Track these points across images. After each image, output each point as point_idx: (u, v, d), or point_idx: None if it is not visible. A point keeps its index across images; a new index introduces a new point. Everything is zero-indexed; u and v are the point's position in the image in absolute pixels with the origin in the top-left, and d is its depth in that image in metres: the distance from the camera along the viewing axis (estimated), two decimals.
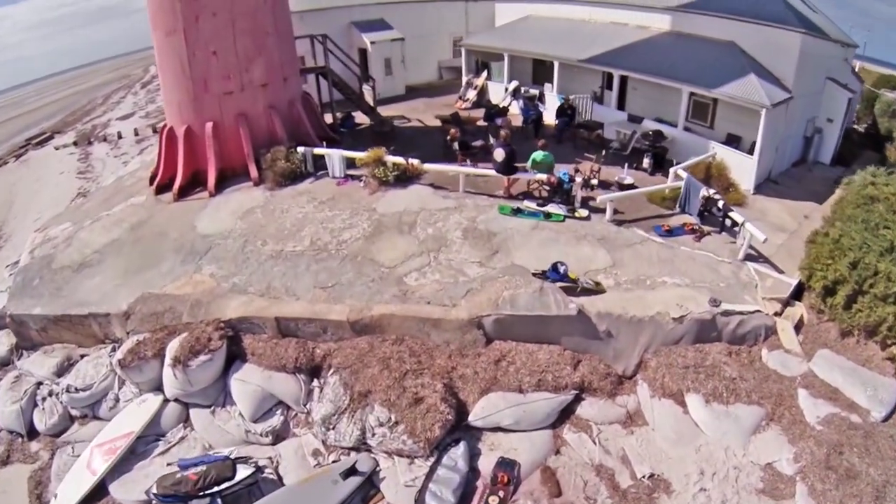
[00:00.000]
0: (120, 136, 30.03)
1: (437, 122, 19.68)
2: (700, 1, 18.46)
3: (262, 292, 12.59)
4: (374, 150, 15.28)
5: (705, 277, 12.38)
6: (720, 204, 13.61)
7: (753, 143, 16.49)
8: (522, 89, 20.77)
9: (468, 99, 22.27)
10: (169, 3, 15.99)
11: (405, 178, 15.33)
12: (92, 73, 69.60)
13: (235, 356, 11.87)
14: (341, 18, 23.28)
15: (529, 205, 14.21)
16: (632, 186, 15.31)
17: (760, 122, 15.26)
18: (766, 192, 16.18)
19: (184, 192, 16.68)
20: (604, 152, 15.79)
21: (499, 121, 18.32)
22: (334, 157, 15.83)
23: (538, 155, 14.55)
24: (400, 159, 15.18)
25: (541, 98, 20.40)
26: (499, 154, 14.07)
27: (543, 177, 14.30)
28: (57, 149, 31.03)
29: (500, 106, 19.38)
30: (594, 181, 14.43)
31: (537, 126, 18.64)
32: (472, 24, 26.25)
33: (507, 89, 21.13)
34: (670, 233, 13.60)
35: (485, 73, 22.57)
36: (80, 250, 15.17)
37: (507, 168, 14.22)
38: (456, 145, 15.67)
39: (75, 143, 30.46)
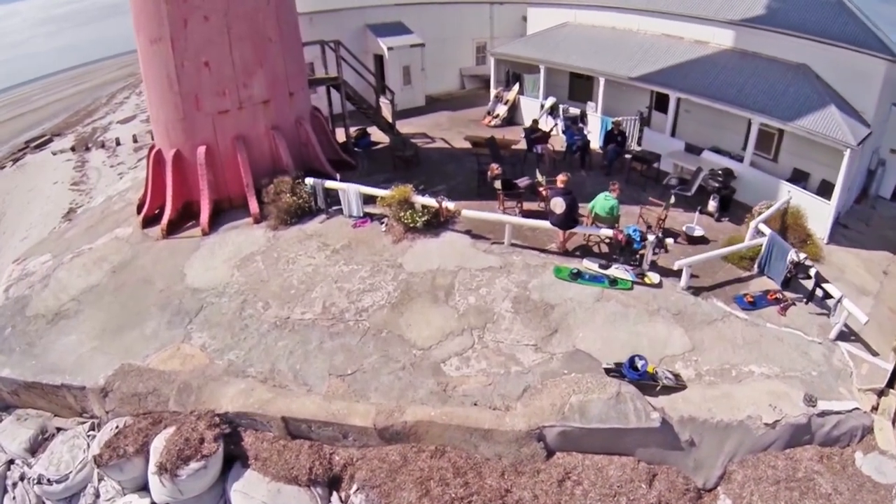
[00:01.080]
0: (118, 143, 26.16)
1: (467, 144, 16.02)
2: (766, 15, 14.75)
3: (266, 376, 9.27)
4: (399, 187, 11.68)
5: (795, 364, 9.32)
6: (812, 272, 10.22)
7: (823, 182, 13.24)
8: (562, 107, 16.99)
9: (498, 115, 18.43)
10: (153, 4, 12.24)
11: (436, 222, 11.77)
12: (99, 71, 64.57)
13: (235, 457, 8.62)
14: (355, 21, 19.39)
15: (590, 266, 10.71)
16: (702, 239, 11.93)
17: (843, 162, 11.94)
18: (837, 239, 12.96)
19: (173, 227, 13.12)
20: (672, 199, 12.22)
21: (538, 148, 14.63)
22: (350, 193, 12.20)
23: (604, 203, 10.99)
24: (431, 201, 11.58)
25: (582, 118, 16.65)
26: (558, 205, 10.49)
27: (609, 233, 10.79)
28: (54, 154, 27.20)
29: (542, 130, 15.50)
30: (669, 240, 10.90)
31: (584, 155, 14.89)
32: (497, 28, 22.35)
33: (542, 106, 17.36)
34: (754, 304, 10.27)
35: (516, 87, 18.67)
36: (57, 295, 12.04)
37: (568, 222, 10.70)
38: (498, 184, 12.05)
39: (73, 149, 26.65)
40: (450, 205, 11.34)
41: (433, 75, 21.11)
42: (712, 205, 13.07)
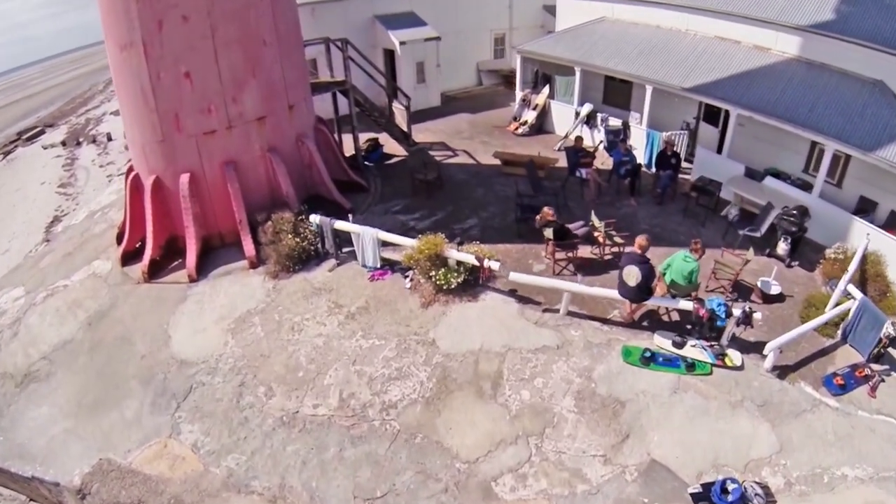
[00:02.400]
0: (109, 139, 22.51)
1: (496, 160, 12.73)
2: (836, 22, 11.54)
3: (275, 494, 6.68)
4: (429, 239, 8.55)
5: (890, 461, 6.83)
6: None
7: (893, 214, 10.37)
8: (600, 116, 13.67)
9: (526, 122, 14.90)
10: (121, 2, 8.96)
11: (474, 280, 8.78)
12: (99, 54, 58.81)
13: None
14: (362, 11, 15.71)
15: (663, 344, 7.86)
16: (779, 297, 9.04)
17: None
18: None
19: (156, 268, 10.12)
20: (751, 251, 9.24)
21: (582, 172, 11.39)
22: (366, 241, 9.11)
23: (682, 266, 7.98)
24: (470, 258, 8.49)
25: (625, 131, 13.32)
26: (631, 276, 7.55)
27: (689, 306, 7.89)
28: (45, 148, 23.65)
29: (588, 149, 12.11)
30: (757, 315, 7.90)
31: (634, 180, 11.60)
32: (516, 18, 18.63)
33: (577, 114, 14.03)
34: (843, 387, 7.56)
35: (546, 89, 15.04)
36: (27, 350, 9.39)
37: (641, 295, 7.78)
38: (549, 232, 8.99)
39: (63, 144, 23.08)
40: (494, 266, 8.30)
41: (448, 71, 17.50)
42: (783, 247, 10.08)
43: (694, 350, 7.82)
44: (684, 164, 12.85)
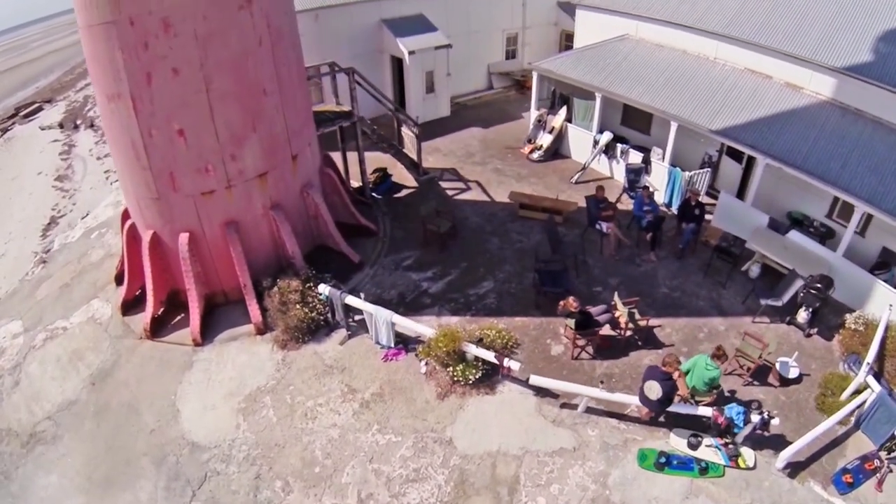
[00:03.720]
0: None
1: (511, 200, 11.38)
2: (874, 64, 10.12)
3: None
4: (447, 331, 7.62)
5: None
6: None
7: None
8: (620, 149, 12.15)
9: (541, 146, 13.34)
10: (105, 51, 7.56)
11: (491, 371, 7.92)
12: None
13: None
14: (369, 15, 13.77)
15: (678, 444, 7.24)
16: (798, 379, 8.33)
17: None
18: None
19: (159, 323, 9.25)
20: (773, 341, 8.43)
21: (603, 227, 10.14)
22: (380, 322, 8.15)
23: (704, 373, 7.26)
24: (489, 356, 7.62)
25: (646, 167, 11.90)
26: (652, 391, 6.82)
27: (708, 413, 7.22)
28: (42, 129, 21.61)
29: (611, 202, 10.56)
30: (775, 421, 7.23)
31: (655, 233, 10.35)
32: (530, 16, 16.50)
33: (595, 142, 12.52)
34: (852, 485, 7.09)
35: (563, 111, 13.39)
36: (30, 405, 8.69)
37: (661, 410, 7.10)
38: (571, 323, 8.04)
39: (61, 126, 21.08)
40: (514, 367, 7.46)
41: (458, 74, 15.66)
42: (803, 316, 9.20)
43: (708, 451, 7.27)
44: (705, 200, 11.83)
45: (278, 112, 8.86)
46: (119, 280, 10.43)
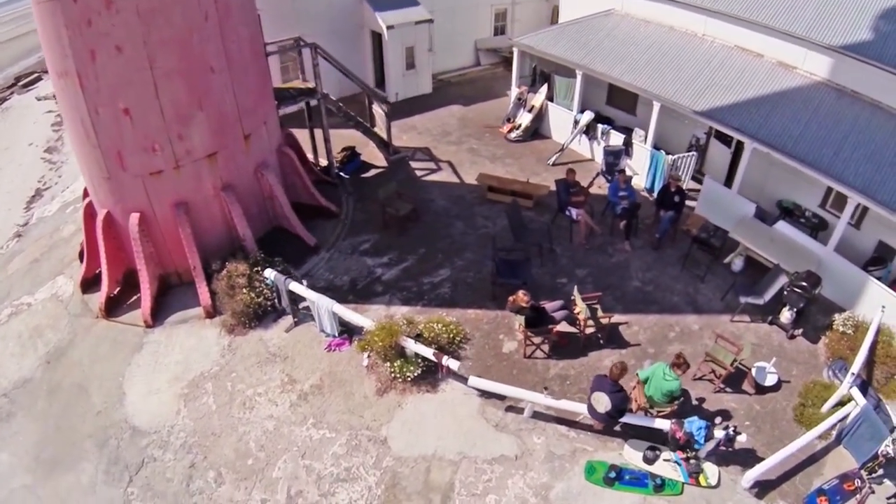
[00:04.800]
0: None
1: (479, 182, 10.91)
2: (873, 43, 9.35)
3: None
4: (385, 325, 7.36)
5: None
6: None
7: None
8: (601, 129, 11.50)
9: (520, 125, 12.73)
10: (52, 28, 7.32)
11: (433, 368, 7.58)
12: None
13: None
14: None
15: (632, 457, 6.79)
16: (775, 387, 7.78)
17: None
18: None
19: (114, 304, 9.11)
20: (747, 346, 7.78)
21: (573, 213, 9.63)
22: (322, 311, 7.91)
23: (662, 384, 6.72)
24: (428, 352, 7.34)
25: (626, 149, 11.26)
26: (600, 403, 6.38)
27: (665, 426, 6.71)
28: (38, 99, 21.25)
29: (584, 187, 10.14)
30: (741, 438, 6.71)
31: (631, 221, 9.76)
32: None
33: (576, 122, 11.89)
34: None
35: (544, 89, 12.71)
36: None
37: (610, 421, 6.66)
38: (521, 321, 7.60)
39: (55, 97, 21.02)
40: (453, 365, 7.12)
41: (444, 50, 14.97)
42: (787, 316, 8.63)
43: (666, 466, 6.75)
44: (691, 185, 11.22)
45: (227, 90, 8.52)
46: (82, 257, 10.44)
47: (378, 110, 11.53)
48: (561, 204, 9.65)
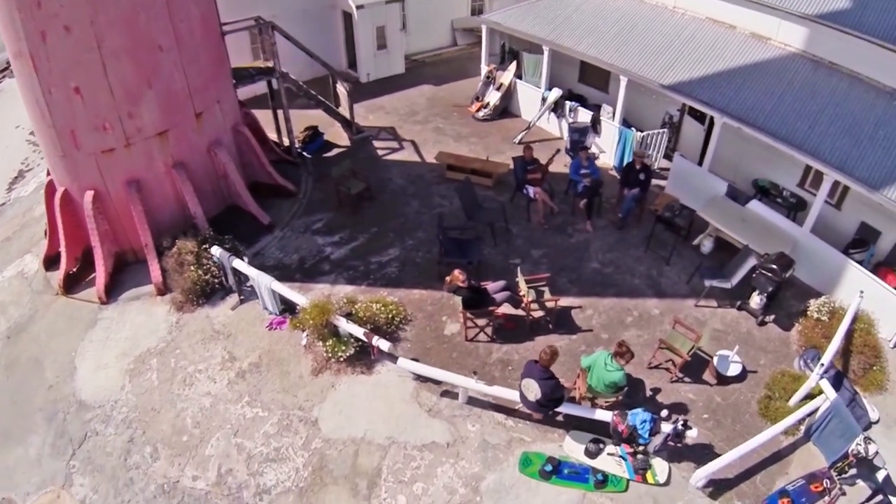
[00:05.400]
0: None
1: (438, 161, 10.93)
2: (851, 12, 9.08)
3: None
4: (319, 303, 7.46)
5: None
6: (881, 474, 6.20)
7: None
8: (568, 106, 11.42)
9: (488, 103, 12.69)
10: (5, 9, 7.59)
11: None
12: None
13: None
14: None
15: (573, 449, 6.68)
16: (740, 377, 7.59)
17: None
18: None
19: (73, 281, 9.40)
20: (705, 333, 7.61)
21: (530, 191, 9.57)
22: (262, 288, 8.08)
23: (604, 375, 6.57)
24: (358, 331, 7.37)
25: (594, 126, 11.18)
26: (530, 390, 6.31)
27: (606, 418, 6.60)
28: None
29: (541, 163, 9.77)
30: (691, 433, 6.43)
31: (592, 199, 9.64)
32: None
33: (543, 100, 11.80)
34: None
35: (513, 67, 12.67)
36: None
37: (543, 410, 6.55)
38: (458, 300, 7.56)
39: None
40: (384, 346, 7.14)
41: (419, 30, 14.98)
42: (757, 301, 8.41)
43: (609, 461, 6.59)
44: (663, 164, 11.05)
45: (177, 69, 8.70)
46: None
47: (342, 90, 11.59)
48: (518, 182, 9.61)
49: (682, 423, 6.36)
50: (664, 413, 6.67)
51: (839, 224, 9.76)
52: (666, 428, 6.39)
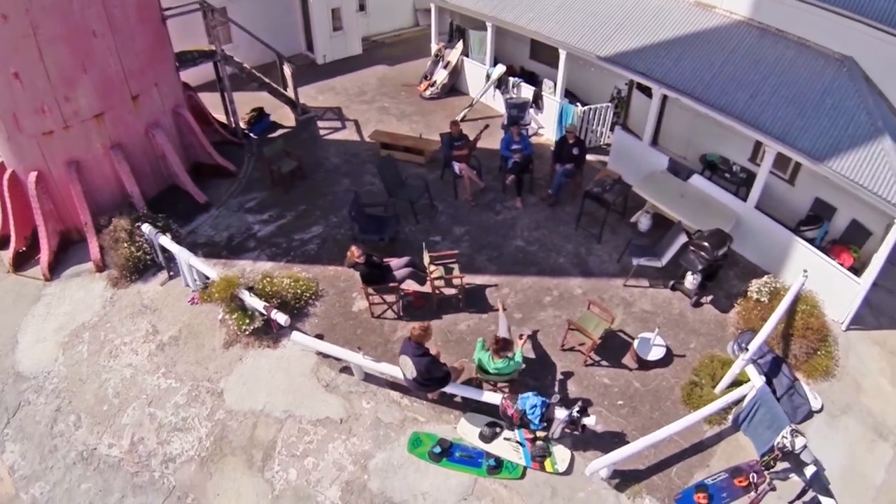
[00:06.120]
0: None
1: (372, 139, 11.21)
2: None
3: None
4: (225, 277, 7.95)
5: None
6: (809, 470, 6.04)
7: (854, 225, 8.73)
8: (512, 82, 11.57)
9: (436, 82, 12.91)
10: None
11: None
12: None
13: None
14: None
15: (467, 432, 6.85)
16: (665, 360, 7.59)
17: (891, 233, 7.28)
18: (864, 318, 8.39)
19: (24, 259, 10.06)
20: (619, 314, 7.97)
21: (456, 167, 9.74)
22: (181, 263, 8.59)
23: (486, 366, 6.73)
24: (259, 305, 7.79)
25: (536, 102, 11.28)
26: (406, 367, 6.54)
27: (496, 400, 6.70)
28: None
29: (468, 137, 10.05)
30: (589, 420, 6.46)
31: (522, 175, 9.72)
32: None
33: (488, 76, 11.95)
34: None
35: (460, 45, 12.80)
36: None
37: (425, 387, 6.77)
38: (358, 276, 7.89)
39: None
40: (281, 320, 7.53)
41: (380, 10, 15.25)
42: (691, 281, 8.35)
43: (506, 446, 6.69)
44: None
45: (112, 54, 9.27)
46: None
47: (288, 72, 11.97)
48: (446, 158, 9.82)
49: (578, 409, 6.32)
50: (555, 398, 6.61)
51: (793, 200, 9.64)
52: (560, 414, 6.37)
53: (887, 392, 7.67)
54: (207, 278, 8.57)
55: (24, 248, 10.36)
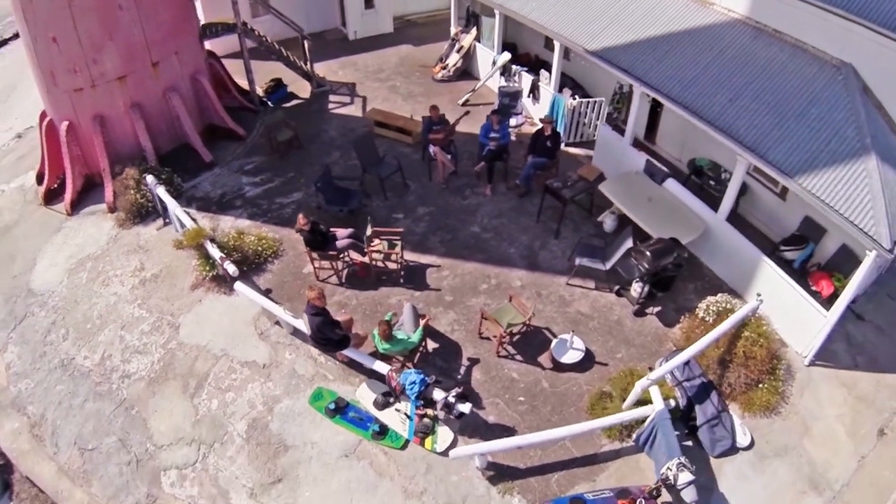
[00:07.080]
0: None
1: (367, 117, 12.19)
2: None
3: (35, 422, 8.51)
4: (193, 229, 9.34)
5: None
6: (685, 494, 6.25)
7: (843, 250, 8.59)
8: (514, 69, 12.07)
9: (447, 66, 13.62)
10: None
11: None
12: None
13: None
14: None
15: (364, 397, 7.71)
16: (585, 362, 7.86)
17: (863, 265, 7.24)
18: (840, 356, 8.18)
19: (54, 194, 12.05)
20: (531, 309, 8.15)
21: (431, 150, 10.46)
22: (171, 211, 10.06)
23: (378, 343, 7.60)
24: (216, 254, 9.04)
25: (533, 92, 11.74)
26: (305, 322, 7.65)
27: (384, 370, 7.57)
28: None
29: (448, 121, 10.77)
30: (465, 407, 7.03)
31: (493, 163, 10.22)
32: None
33: (493, 63, 12.49)
34: None
35: (474, 31, 13.41)
36: None
37: (323, 346, 7.86)
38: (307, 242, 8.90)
39: None
40: (231, 269, 8.75)
41: None
42: (637, 288, 8.41)
43: (395, 416, 7.45)
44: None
45: (136, 25, 10.92)
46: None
47: (308, 46, 13.16)
48: (424, 141, 10.59)
49: (455, 394, 6.93)
50: (431, 378, 7.20)
51: (783, 216, 9.56)
52: (437, 396, 7.01)
53: (840, 442, 7.38)
54: (183, 226, 10.06)
55: (55, 186, 12.30)
